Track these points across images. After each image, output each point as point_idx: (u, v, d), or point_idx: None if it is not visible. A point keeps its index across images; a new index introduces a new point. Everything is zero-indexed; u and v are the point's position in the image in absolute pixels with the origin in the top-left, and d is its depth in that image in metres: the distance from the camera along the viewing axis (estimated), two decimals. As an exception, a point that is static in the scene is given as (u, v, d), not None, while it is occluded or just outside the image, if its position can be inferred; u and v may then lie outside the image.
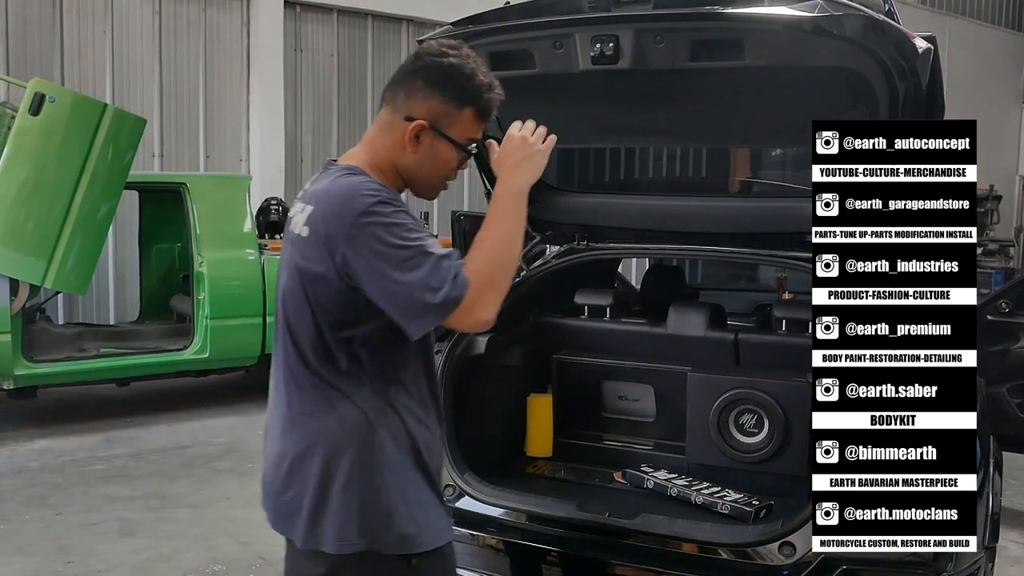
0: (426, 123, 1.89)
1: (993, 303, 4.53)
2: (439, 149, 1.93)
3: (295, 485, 1.92)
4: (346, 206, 1.79)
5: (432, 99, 1.89)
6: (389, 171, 1.94)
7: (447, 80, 1.89)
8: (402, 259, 1.76)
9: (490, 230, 1.91)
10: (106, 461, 5.76)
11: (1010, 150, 18.72)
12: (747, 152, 3.72)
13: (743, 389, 3.05)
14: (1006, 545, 4.37)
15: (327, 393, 1.88)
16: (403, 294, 1.77)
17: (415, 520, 1.89)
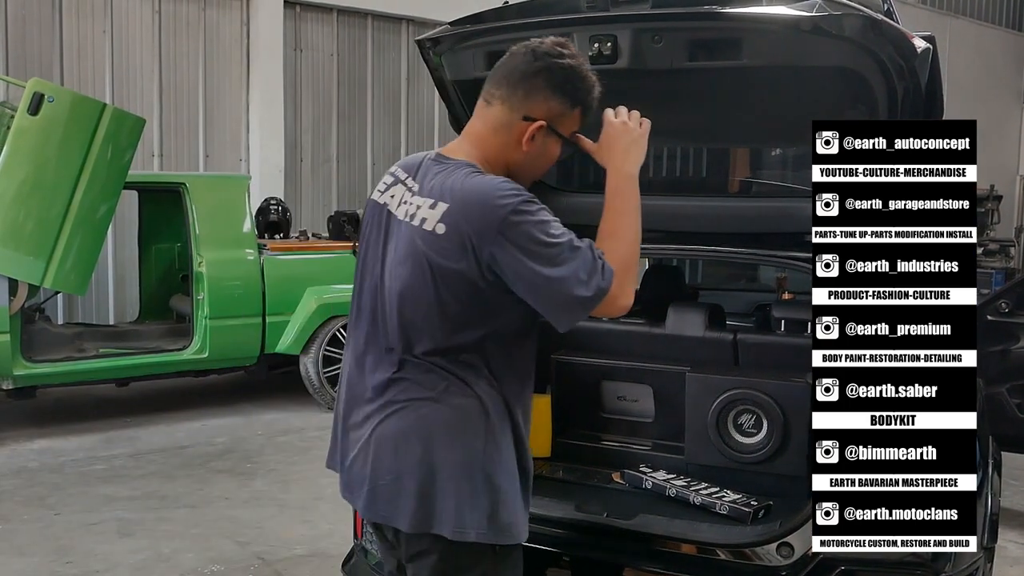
0: (545, 123, 1.98)
1: (993, 303, 4.53)
2: (550, 146, 2.03)
3: (400, 467, 1.94)
4: (493, 206, 1.85)
5: (552, 100, 1.97)
6: (499, 167, 2.01)
7: (567, 82, 1.97)
8: (553, 255, 1.83)
9: (621, 217, 1.99)
10: (105, 461, 5.76)
11: (1010, 150, 18.72)
12: (746, 152, 3.72)
13: (742, 389, 3.04)
14: (1005, 545, 4.37)
15: (443, 381, 1.93)
16: (557, 290, 1.84)
17: (513, 512, 1.95)
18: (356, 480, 2.04)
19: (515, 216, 1.84)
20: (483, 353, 1.94)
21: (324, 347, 7.01)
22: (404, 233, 1.96)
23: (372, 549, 2.91)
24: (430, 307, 1.92)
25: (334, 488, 5.16)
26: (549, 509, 2.74)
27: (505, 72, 1.99)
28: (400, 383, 1.97)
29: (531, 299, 1.87)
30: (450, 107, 3.08)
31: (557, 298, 1.85)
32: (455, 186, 1.91)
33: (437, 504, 1.91)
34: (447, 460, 1.92)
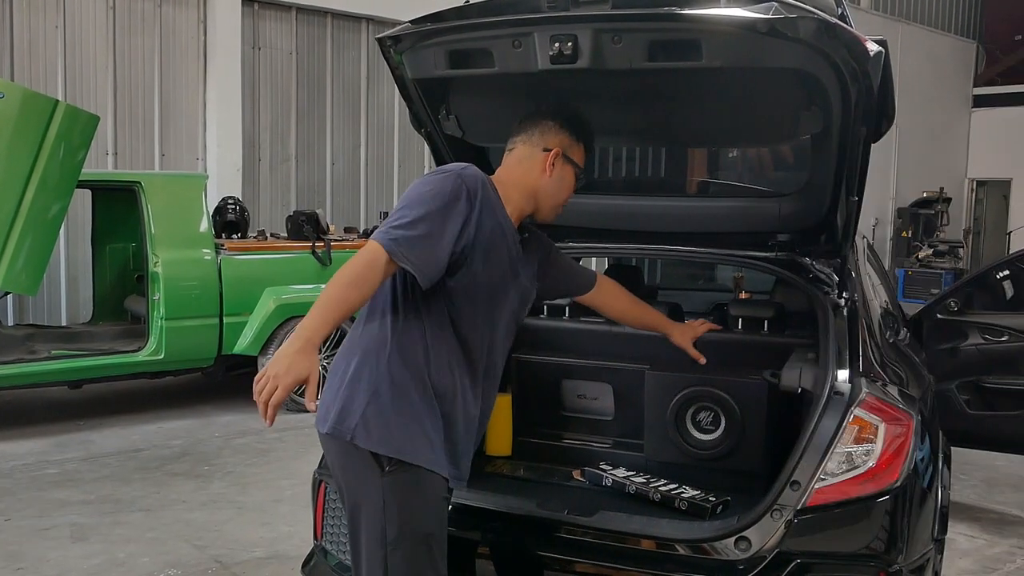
0: (560, 151, 2.48)
1: (942, 302, 4.64)
2: (566, 173, 2.51)
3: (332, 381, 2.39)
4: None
5: (562, 134, 2.50)
6: (520, 190, 2.46)
7: (574, 121, 2.53)
8: (402, 206, 2.27)
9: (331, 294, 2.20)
10: (58, 465, 5.66)
11: (959, 154, 19.13)
12: (705, 152, 3.76)
13: (700, 387, 3.08)
14: (955, 538, 4.47)
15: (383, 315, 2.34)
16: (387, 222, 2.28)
17: (382, 427, 2.25)
18: None
19: (445, 172, 2.33)
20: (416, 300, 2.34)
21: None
22: None
23: (332, 550, 2.90)
24: None
25: (293, 490, 5.14)
26: (510, 507, 2.75)
27: (522, 124, 2.53)
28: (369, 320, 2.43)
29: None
30: (411, 106, 3.07)
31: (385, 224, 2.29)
32: None
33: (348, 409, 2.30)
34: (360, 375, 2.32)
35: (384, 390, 2.27)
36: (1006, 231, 18.43)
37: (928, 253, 15.70)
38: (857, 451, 2.45)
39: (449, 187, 2.26)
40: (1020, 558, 4.41)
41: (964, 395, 4.51)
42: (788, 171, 3.38)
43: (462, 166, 2.35)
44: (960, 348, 4.54)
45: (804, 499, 2.41)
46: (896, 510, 2.44)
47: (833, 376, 2.58)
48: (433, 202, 2.24)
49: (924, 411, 2.78)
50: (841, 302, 2.90)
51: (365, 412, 2.25)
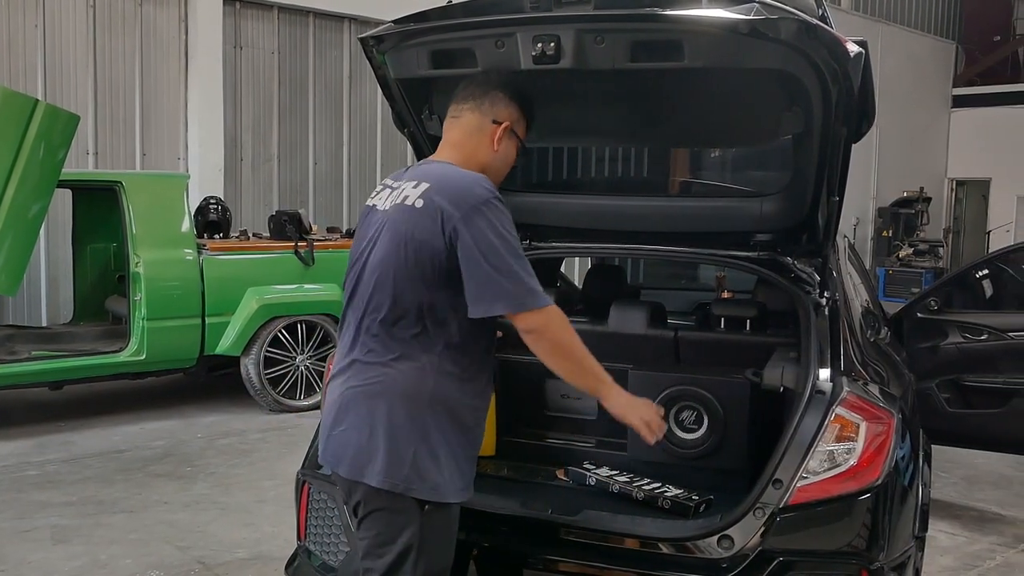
0: (510, 125, 2.37)
1: (923, 301, 4.68)
2: (510, 148, 2.41)
3: (347, 421, 2.25)
4: (471, 191, 2.18)
5: (512, 107, 2.38)
6: (474, 167, 2.32)
7: (523, 94, 2.41)
8: (512, 247, 2.15)
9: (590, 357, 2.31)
10: (39, 467, 5.61)
11: (939, 154, 19.29)
12: (687, 152, 3.78)
13: (683, 386, 3.10)
14: (935, 535, 4.51)
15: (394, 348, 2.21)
16: (502, 271, 2.12)
17: (433, 472, 2.19)
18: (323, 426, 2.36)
19: (488, 205, 2.15)
20: (435, 325, 2.20)
21: (265, 348, 6.92)
22: (387, 214, 2.27)
23: (316, 550, 2.90)
24: (398, 272, 2.19)
25: (277, 491, 5.11)
26: (494, 507, 2.76)
27: (468, 91, 2.38)
28: (363, 347, 2.26)
29: (470, 271, 2.13)
30: (393, 105, 3.07)
31: (496, 279, 2.11)
32: (437, 171, 2.27)
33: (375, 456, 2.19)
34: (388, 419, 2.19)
35: (432, 435, 2.19)
36: (985, 230, 18.60)
37: (908, 252, 15.82)
38: (838, 449, 2.47)
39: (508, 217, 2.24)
40: (1000, 555, 4.46)
41: (944, 393, 4.55)
42: (770, 171, 3.40)
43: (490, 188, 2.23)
44: (940, 347, 4.57)
45: (786, 497, 2.43)
46: (877, 508, 2.46)
47: (815, 375, 2.60)
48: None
49: (905, 409, 2.80)
50: (822, 301, 2.92)
51: (417, 461, 2.18)
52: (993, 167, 18.43)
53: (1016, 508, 5.14)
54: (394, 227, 2.22)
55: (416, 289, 2.18)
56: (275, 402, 6.98)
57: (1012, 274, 4.94)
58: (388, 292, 2.21)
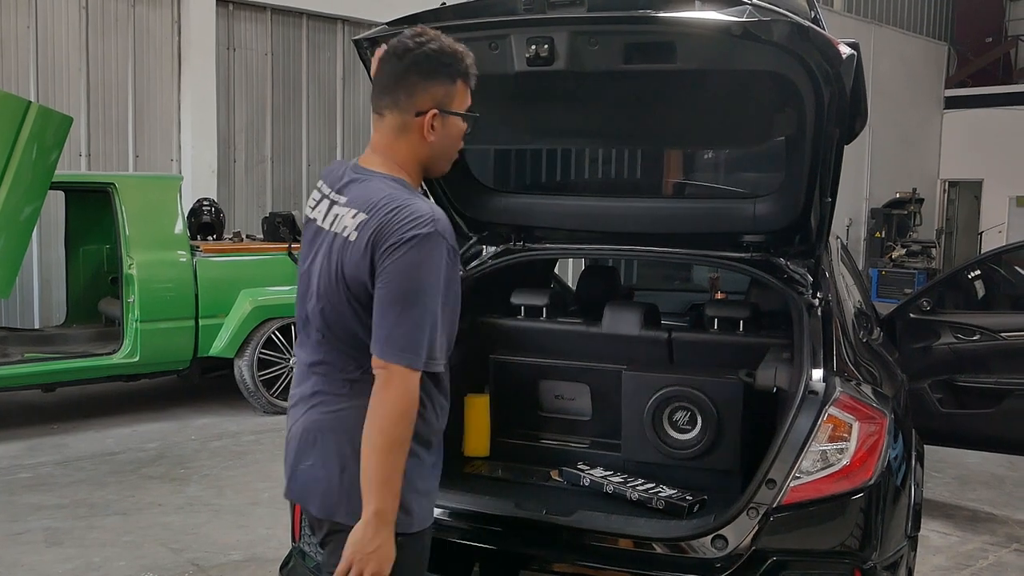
0: (436, 110, 2.05)
1: (915, 302, 4.69)
2: (451, 126, 2.09)
3: (313, 456, 2.08)
4: (404, 226, 1.93)
5: (431, 87, 2.04)
6: (413, 169, 2.10)
7: (437, 66, 2.03)
8: (421, 294, 1.92)
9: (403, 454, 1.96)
10: (31, 469, 5.59)
11: (931, 155, 19.35)
12: (681, 154, 3.79)
13: (676, 387, 3.10)
14: (928, 535, 4.53)
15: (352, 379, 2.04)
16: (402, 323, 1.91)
17: (411, 504, 2.03)
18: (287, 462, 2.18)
19: (413, 240, 1.92)
20: None
21: (259, 350, 6.91)
22: (326, 237, 2.07)
23: (310, 551, 2.90)
24: (342, 310, 2.02)
25: (270, 492, 5.10)
26: (489, 508, 2.76)
27: (382, 83, 2.07)
28: (321, 380, 2.10)
29: (376, 312, 1.94)
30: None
31: (391, 330, 1.91)
32: (375, 196, 2.00)
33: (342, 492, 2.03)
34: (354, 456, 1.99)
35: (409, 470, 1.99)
36: (977, 231, 18.67)
37: (901, 253, 15.87)
38: (831, 449, 2.48)
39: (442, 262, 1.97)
40: (992, 554, 4.47)
41: (937, 394, 4.57)
42: (762, 172, 3.41)
43: (433, 216, 1.97)
44: (933, 347, 4.59)
45: (780, 497, 2.44)
46: (870, 507, 2.47)
47: (808, 375, 2.61)
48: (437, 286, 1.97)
49: (897, 410, 2.81)
50: (815, 302, 2.93)
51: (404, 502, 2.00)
52: (985, 168, 18.50)
53: (1008, 507, 5.16)
54: (330, 258, 2.03)
55: (360, 324, 2.00)
56: (269, 404, 6.97)
57: (1004, 275, 4.96)
58: (333, 325, 2.05)
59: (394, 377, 1.92)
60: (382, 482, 1.92)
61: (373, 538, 1.92)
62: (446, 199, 3.46)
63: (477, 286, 3.48)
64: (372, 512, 1.92)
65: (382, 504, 1.92)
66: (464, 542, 2.73)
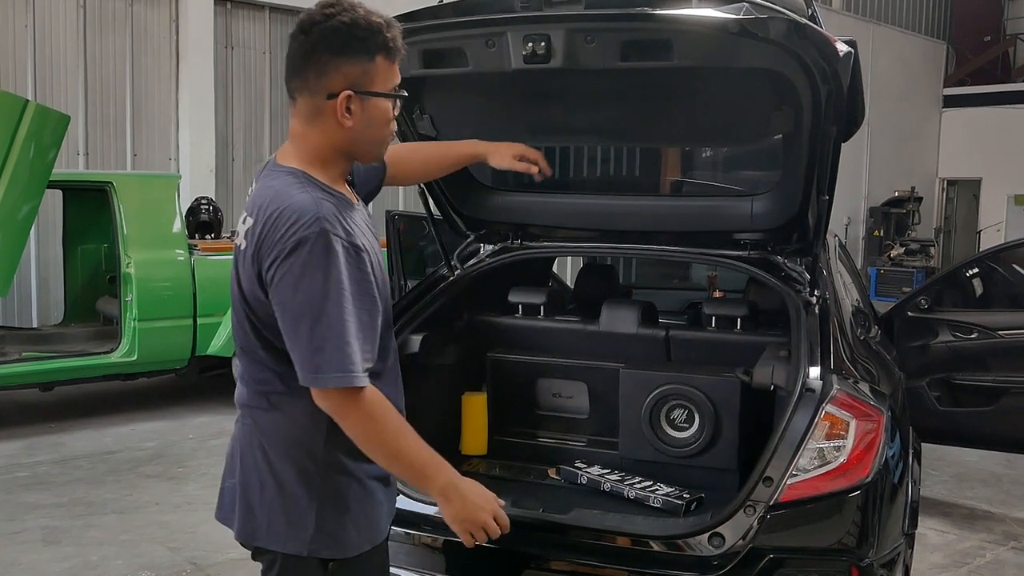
0: (350, 91, 1.82)
1: (913, 300, 4.69)
2: (371, 108, 1.86)
3: (236, 474, 1.95)
4: (283, 230, 1.75)
5: (344, 65, 1.81)
6: (331, 156, 1.89)
7: (348, 40, 1.80)
8: (310, 302, 1.73)
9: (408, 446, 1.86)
10: (29, 468, 5.59)
11: (930, 153, 19.36)
12: (678, 152, 3.79)
13: (674, 385, 3.10)
14: (925, 532, 4.53)
15: (268, 391, 1.89)
16: (295, 336, 1.76)
17: (344, 527, 1.90)
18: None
19: (299, 247, 1.73)
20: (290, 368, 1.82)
21: (257, 349, 6.89)
22: (236, 252, 1.93)
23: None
24: (242, 321, 1.89)
25: (268, 490, 4.97)
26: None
27: (290, 62, 1.86)
28: (245, 391, 1.96)
29: (284, 333, 1.78)
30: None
31: (295, 342, 1.76)
32: (267, 197, 1.83)
33: (260, 514, 1.90)
34: (275, 474, 1.88)
35: (325, 486, 1.88)
36: (976, 230, 18.68)
37: (900, 252, 15.88)
38: (828, 447, 2.48)
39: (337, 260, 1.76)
40: (990, 552, 4.48)
41: (934, 392, 4.57)
42: (760, 171, 3.41)
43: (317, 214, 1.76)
44: (930, 345, 4.59)
45: (777, 495, 2.43)
46: (867, 505, 2.46)
47: (805, 373, 2.60)
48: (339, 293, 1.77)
49: (894, 407, 2.81)
50: (813, 300, 2.93)
51: (321, 521, 1.87)
52: (984, 167, 18.51)
53: (1006, 505, 5.17)
54: (234, 271, 1.89)
55: (259, 338, 1.86)
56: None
57: (1002, 273, 4.96)
58: (241, 340, 1.92)
59: (335, 400, 1.77)
60: (417, 474, 1.88)
61: (457, 505, 1.90)
62: (444, 197, 3.46)
63: (475, 284, 3.48)
64: (435, 495, 1.90)
65: (436, 484, 1.89)
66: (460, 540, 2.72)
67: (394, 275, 5.72)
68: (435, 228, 3.51)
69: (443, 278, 3.46)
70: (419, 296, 3.37)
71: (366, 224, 1.96)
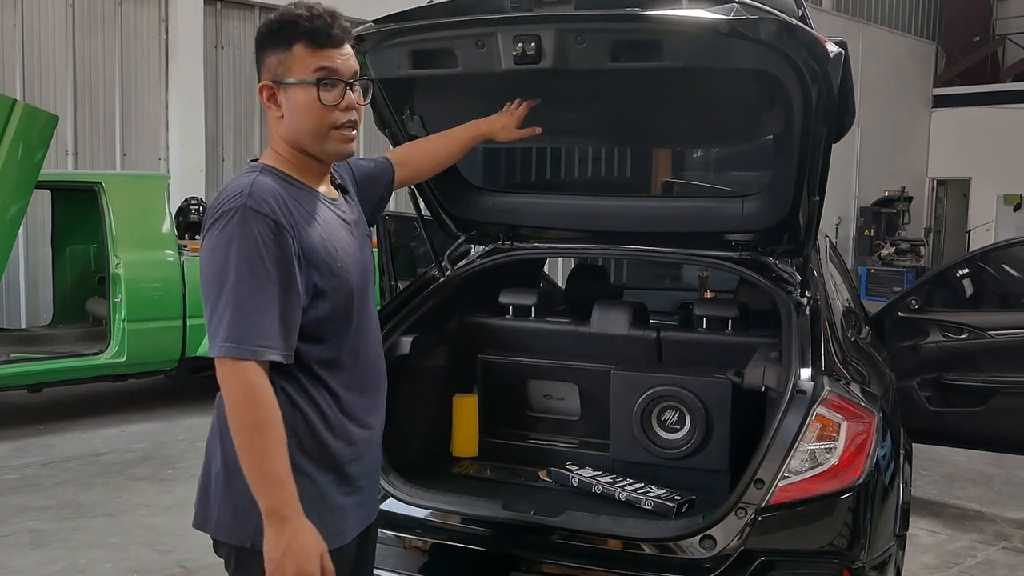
0: (268, 82, 1.90)
1: (904, 300, 4.70)
2: (292, 97, 1.88)
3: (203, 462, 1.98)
4: (212, 207, 1.84)
5: (265, 59, 1.90)
6: (287, 152, 1.93)
7: (268, 36, 1.90)
8: (215, 273, 1.78)
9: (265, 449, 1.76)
10: (17, 471, 5.55)
11: (920, 153, 19.41)
12: (669, 153, 3.78)
13: (665, 386, 3.09)
14: (916, 533, 4.53)
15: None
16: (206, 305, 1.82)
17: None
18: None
19: (214, 223, 1.79)
20: None
21: (248, 350, 6.86)
22: None
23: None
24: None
25: (258, 492, 4.95)
26: (477, 508, 2.75)
27: None
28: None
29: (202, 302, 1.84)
30: (374, 106, 3.06)
31: (210, 319, 1.81)
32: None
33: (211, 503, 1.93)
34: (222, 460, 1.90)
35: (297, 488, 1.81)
36: (966, 229, 18.74)
37: (890, 251, 15.92)
38: (820, 449, 2.47)
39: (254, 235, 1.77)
40: (981, 552, 4.48)
41: (925, 392, 4.57)
42: (751, 171, 3.41)
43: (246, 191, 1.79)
44: (921, 345, 4.60)
45: (768, 497, 2.43)
46: (858, 507, 2.46)
47: (796, 374, 2.60)
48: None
49: (885, 408, 2.81)
50: (804, 301, 2.93)
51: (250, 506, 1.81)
52: (973, 166, 18.57)
53: (996, 505, 5.18)
54: None
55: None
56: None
57: (992, 273, 4.97)
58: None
59: (223, 370, 1.76)
60: (258, 478, 1.75)
61: (277, 541, 1.74)
62: (434, 198, 3.45)
63: (465, 285, 3.47)
64: (264, 513, 1.75)
65: (268, 501, 1.74)
66: (452, 543, 2.71)
67: (384, 276, 5.71)
68: (425, 229, 3.50)
69: (434, 279, 3.45)
70: (409, 297, 3.36)
71: (337, 217, 1.97)
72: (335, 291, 1.90)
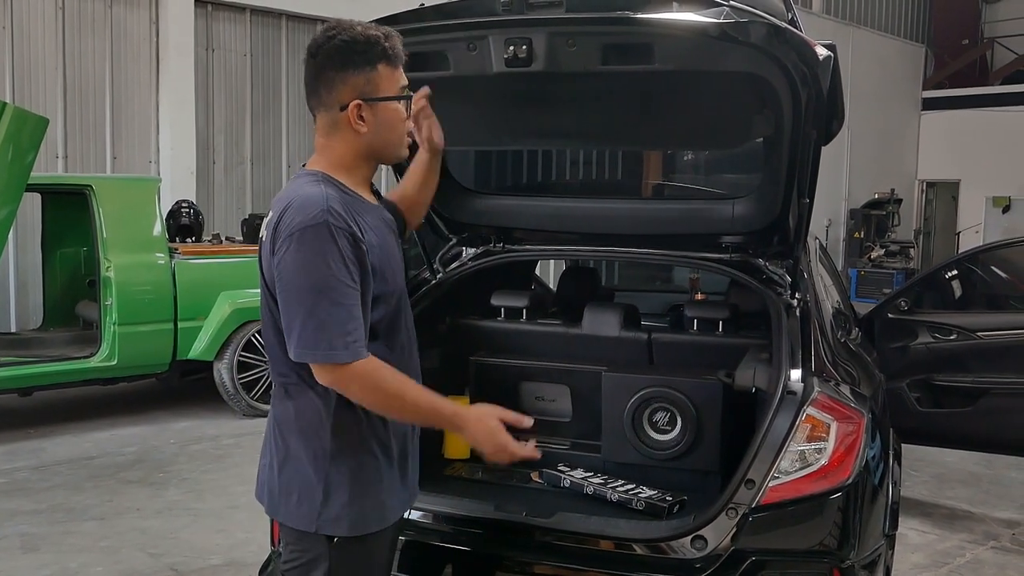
0: (359, 100, 2.02)
1: (893, 302, 4.73)
2: (382, 112, 2.05)
3: (266, 453, 2.15)
4: (290, 218, 1.94)
5: (350, 78, 2.01)
6: (354, 163, 2.08)
7: (348, 55, 2.00)
8: (310, 284, 1.90)
9: (411, 396, 2.02)
10: (7, 475, 5.53)
11: (910, 156, 19.50)
12: (660, 155, 3.80)
13: (656, 388, 3.10)
14: (906, 533, 4.56)
15: (285, 382, 2.06)
16: (296, 317, 1.93)
17: (348, 508, 2.03)
18: None
19: (299, 234, 1.91)
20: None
21: (239, 353, 6.87)
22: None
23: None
24: (267, 315, 2.07)
25: (250, 496, 5.06)
26: (469, 510, 2.75)
27: (306, 85, 2.08)
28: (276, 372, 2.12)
29: (282, 312, 1.96)
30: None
31: (295, 323, 1.92)
32: (288, 192, 2.02)
33: (280, 493, 2.07)
34: (289, 455, 2.06)
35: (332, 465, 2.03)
36: (955, 231, 18.84)
37: (880, 253, 15.99)
38: (810, 449, 2.49)
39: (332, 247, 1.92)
40: (970, 552, 4.51)
41: (915, 393, 4.60)
42: (741, 173, 3.42)
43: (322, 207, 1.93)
44: (910, 347, 4.62)
45: (758, 497, 2.44)
46: (848, 507, 2.48)
47: (786, 376, 2.61)
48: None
49: (875, 409, 2.83)
50: (794, 303, 2.95)
51: (327, 502, 2.02)
52: (962, 169, 18.68)
53: (985, 505, 5.21)
54: (259, 267, 2.07)
55: (275, 325, 2.03)
56: (248, 407, 6.93)
57: (981, 275, 5.01)
58: (264, 328, 2.11)
59: (335, 374, 1.93)
60: (422, 420, 2.09)
61: (472, 434, 2.08)
62: (426, 201, 3.45)
63: (457, 288, 3.47)
64: (450, 429, 2.15)
65: (442, 422, 2.11)
66: (444, 544, 2.72)
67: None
68: (417, 231, 3.50)
69: (425, 281, 3.45)
70: (401, 300, 3.36)
71: (384, 224, 2.14)
72: (391, 294, 2.08)
